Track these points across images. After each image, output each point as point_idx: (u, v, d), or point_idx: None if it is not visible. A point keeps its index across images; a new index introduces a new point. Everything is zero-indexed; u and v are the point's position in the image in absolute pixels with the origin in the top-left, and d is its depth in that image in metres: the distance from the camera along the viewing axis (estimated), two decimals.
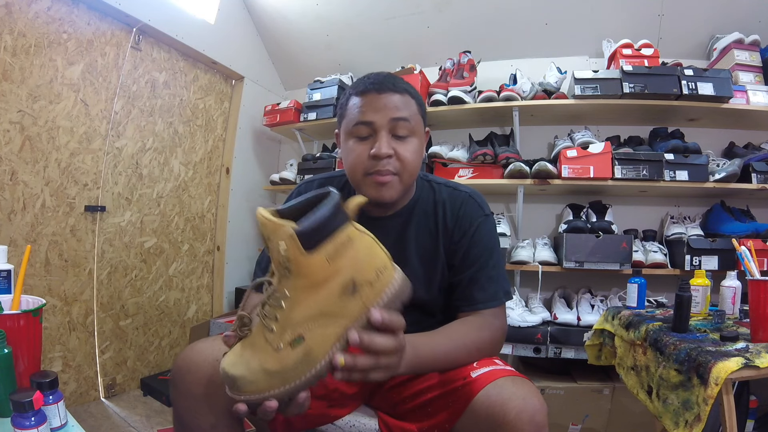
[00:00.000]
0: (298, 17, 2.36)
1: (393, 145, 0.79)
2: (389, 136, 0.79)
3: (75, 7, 1.63)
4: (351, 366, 0.52)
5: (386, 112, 0.78)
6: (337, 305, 0.52)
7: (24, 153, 1.50)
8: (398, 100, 0.79)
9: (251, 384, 0.51)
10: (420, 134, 0.83)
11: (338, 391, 0.87)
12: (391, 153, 0.78)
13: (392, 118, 0.78)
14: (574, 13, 2.00)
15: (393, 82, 0.81)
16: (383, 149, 0.77)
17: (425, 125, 0.87)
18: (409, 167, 0.80)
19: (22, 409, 0.59)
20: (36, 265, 1.55)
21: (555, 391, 1.60)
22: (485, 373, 0.72)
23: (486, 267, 0.85)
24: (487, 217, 0.89)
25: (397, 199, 0.83)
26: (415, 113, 0.82)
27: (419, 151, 0.83)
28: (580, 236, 1.73)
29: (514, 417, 0.63)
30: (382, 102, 0.78)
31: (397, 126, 0.79)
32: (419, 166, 0.83)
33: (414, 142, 0.81)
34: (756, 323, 0.96)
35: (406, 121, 0.79)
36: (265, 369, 0.51)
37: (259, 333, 0.53)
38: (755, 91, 1.73)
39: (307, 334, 0.51)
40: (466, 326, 0.81)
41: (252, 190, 2.54)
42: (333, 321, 0.52)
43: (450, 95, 1.96)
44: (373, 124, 0.78)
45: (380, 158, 0.77)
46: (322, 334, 0.51)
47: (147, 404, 1.81)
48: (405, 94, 0.81)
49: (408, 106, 0.81)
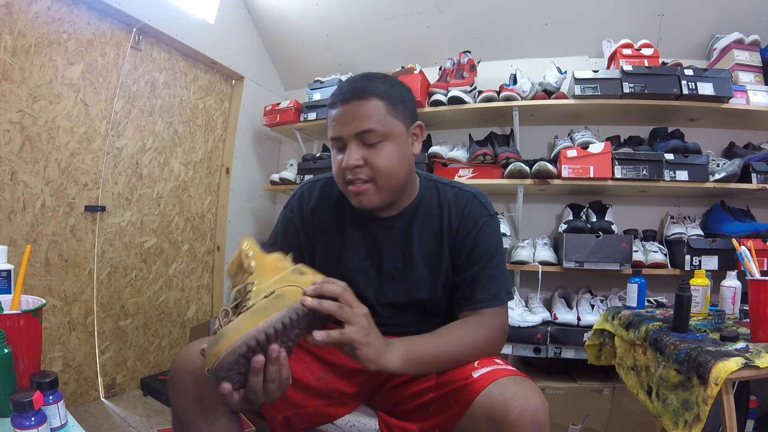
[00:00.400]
0: (298, 17, 2.36)
1: (364, 153, 0.79)
2: (359, 145, 0.79)
3: (75, 7, 1.63)
4: (317, 306, 0.62)
5: (351, 126, 0.78)
6: (292, 277, 0.67)
7: (24, 153, 1.50)
8: (364, 109, 0.78)
9: (236, 326, 0.57)
10: (395, 135, 0.81)
11: (338, 390, 0.87)
12: (358, 163, 0.78)
13: (356, 132, 0.78)
14: (574, 13, 2.00)
15: (361, 89, 0.79)
16: (350, 161, 0.78)
17: (413, 120, 0.86)
18: (384, 172, 0.79)
19: (22, 409, 0.59)
20: (36, 265, 1.55)
21: (555, 391, 1.60)
22: (487, 372, 0.72)
23: (489, 266, 0.85)
24: (492, 217, 0.89)
25: (380, 204, 0.83)
26: (384, 116, 0.79)
27: (396, 153, 0.81)
28: (580, 236, 1.73)
29: (516, 416, 0.63)
30: (348, 115, 0.79)
31: (364, 138, 0.79)
32: (400, 167, 0.82)
33: (387, 147, 0.80)
34: (756, 323, 0.96)
35: (372, 131, 0.78)
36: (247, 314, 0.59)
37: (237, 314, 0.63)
38: (755, 91, 1.73)
39: (277, 290, 0.63)
40: (463, 325, 0.81)
41: (252, 190, 2.54)
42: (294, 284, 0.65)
43: (450, 95, 1.96)
44: (342, 138, 0.80)
45: (350, 169, 0.79)
46: (289, 288, 0.64)
47: (147, 404, 1.81)
48: (372, 98, 0.79)
49: (375, 112, 0.78)
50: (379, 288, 0.89)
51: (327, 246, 0.92)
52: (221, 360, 0.55)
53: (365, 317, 0.67)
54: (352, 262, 0.90)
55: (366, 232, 0.90)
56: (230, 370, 0.57)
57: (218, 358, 0.55)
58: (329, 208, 0.91)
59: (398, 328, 0.89)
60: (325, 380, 0.86)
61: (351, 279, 0.90)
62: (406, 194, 0.89)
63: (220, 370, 0.56)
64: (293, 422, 0.82)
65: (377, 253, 0.89)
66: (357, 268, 0.90)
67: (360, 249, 0.90)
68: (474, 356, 0.77)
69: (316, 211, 0.93)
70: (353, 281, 0.90)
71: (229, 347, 0.55)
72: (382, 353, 0.68)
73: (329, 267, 0.92)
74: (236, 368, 0.57)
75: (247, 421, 1.45)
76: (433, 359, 0.74)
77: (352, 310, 0.65)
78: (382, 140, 0.79)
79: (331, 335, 0.63)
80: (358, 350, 0.64)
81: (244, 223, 2.49)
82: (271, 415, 0.81)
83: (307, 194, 0.94)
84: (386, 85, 0.81)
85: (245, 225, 2.51)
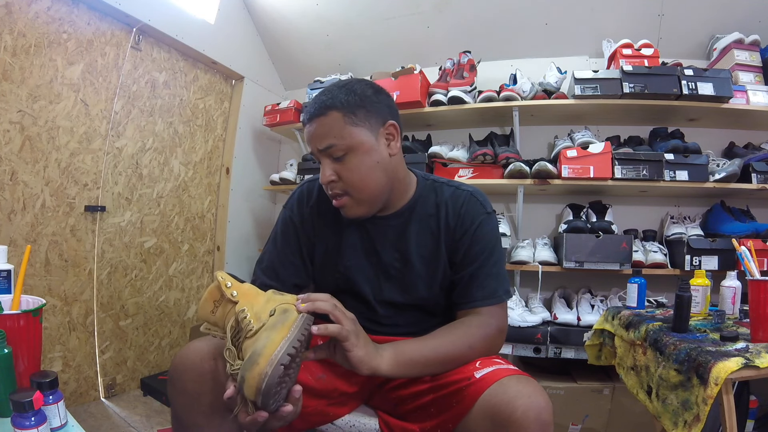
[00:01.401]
0: (298, 17, 2.36)
1: (335, 167, 0.80)
2: (329, 160, 0.80)
3: (75, 7, 1.63)
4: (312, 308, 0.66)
5: (315, 143, 0.81)
6: (278, 298, 0.69)
7: (24, 153, 1.50)
8: (323, 126, 0.79)
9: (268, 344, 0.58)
10: (358, 144, 0.79)
11: (337, 390, 0.87)
12: (332, 178, 0.80)
13: (319, 150, 0.80)
14: (574, 13, 2.00)
15: (319, 105, 0.79)
16: (323, 178, 0.81)
17: (382, 122, 0.82)
18: (356, 185, 0.80)
19: (22, 409, 0.59)
20: (36, 265, 1.55)
21: (555, 391, 1.60)
22: (489, 372, 0.72)
23: (486, 265, 0.85)
24: (489, 215, 0.89)
25: (365, 214, 0.85)
26: (342, 128, 0.78)
27: (365, 163, 0.80)
28: (580, 236, 1.73)
29: (521, 415, 0.63)
30: (311, 133, 0.81)
31: (328, 152, 0.80)
32: (372, 175, 0.81)
33: (353, 159, 0.79)
34: (756, 323, 0.95)
35: (333, 146, 0.79)
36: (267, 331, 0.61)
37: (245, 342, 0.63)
38: (755, 91, 1.73)
39: (276, 307, 0.65)
40: (459, 326, 0.81)
41: (252, 190, 2.54)
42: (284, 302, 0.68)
43: (450, 95, 1.96)
44: (314, 154, 0.83)
45: (326, 184, 0.82)
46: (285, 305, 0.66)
47: (147, 404, 1.81)
48: (330, 112, 0.78)
49: (333, 127, 0.78)
50: (377, 286, 0.90)
51: (326, 245, 0.92)
52: (270, 375, 0.54)
53: (354, 321, 0.71)
54: (351, 260, 0.90)
55: (363, 231, 0.90)
56: (279, 386, 0.56)
57: (265, 375, 0.54)
58: (328, 207, 0.91)
59: (397, 329, 0.89)
60: (325, 380, 0.86)
61: (350, 277, 0.90)
62: (399, 194, 0.89)
63: (271, 387, 0.54)
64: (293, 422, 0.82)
65: (374, 252, 0.90)
66: (355, 266, 0.90)
67: (358, 248, 0.90)
68: (470, 357, 0.77)
69: (316, 210, 0.93)
70: (352, 279, 0.90)
71: (272, 361, 0.55)
72: (373, 356, 0.70)
73: (329, 265, 0.92)
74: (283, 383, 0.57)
75: None
76: (424, 360, 0.75)
77: (343, 312, 0.70)
78: (347, 153, 0.79)
79: (328, 327, 0.66)
80: (349, 352, 0.67)
81: (244, 223, 2.49)
82: None
83: (307, 193, 0.95)
84: (344, 93, 0.79)
85: (245, 225, 2.51)
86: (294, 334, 0.60)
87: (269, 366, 0.55)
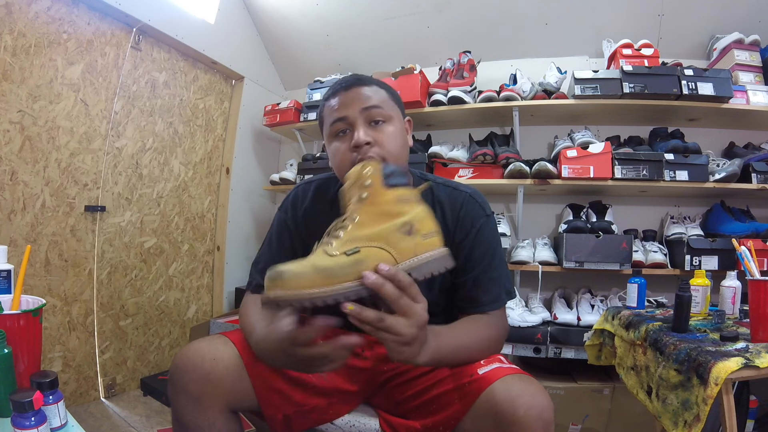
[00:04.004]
0: (298, 17, 2.36)
1: (371, 132, 0.80)
2: (366, 125, 0.80)
3: (75, 7, 1.62)
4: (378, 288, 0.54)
5: (356, 104, 0.80)
6: (394, 237, 0.58)
7: (24, 153, 1.50)
8: (366, 90, 0.82)
9: (296, 277, 0.53)
10: (397, 120, 0.84)
11: (338, 389, 0.87)
12: (369, 140, 0.79)
13: (363, 108, 0.80)
14: (574, 13, 2.00)
15: (360, 79, 0.84)
16: (361, 137, 0.78)
17: (404, 116, 0.88)
18: (392, 151, 0.80)
19: (22, 409, 0.59)
20: (36, 265, 1.55)
21: (555, 391, 1.60)
22: (491, 370, 0.72)
23: (489, 269, 0.85)
24: (489, 218, 0.89)
25: None
26: (386, 100, 0.83)
27: (400, 136, 0.83)
28: (580, 236, 1.73)
29: (524, 414, 0.63)
30: (351, 96, 0.81)
31: (370, 114, 0.80)
32: (403, 152, 0.84)
33: (391, 127, 0.82)
34: (756, 323, 0.96)
35: (378, 108, 0.80)
36: (315, 265, 0.54)
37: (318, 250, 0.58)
38: (755, 91, 1.73)
39: (363, 250, 0.56)
40: (478, 324, 0.81)
41: (252, 190, 2.54)
42: (386, 248, 0.58)
43: (450, 95, 1.96)
44: (347, 117, 0.80)
45: (360, 146, 0.78)
46: (375, 253, 0.57)
47: (147, 404, 1.81)
48: (372, 85, 0.83)
49: (377, 95, 0.82)
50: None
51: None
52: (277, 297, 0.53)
53: (423, 313, 0.59)
54: None
55: None
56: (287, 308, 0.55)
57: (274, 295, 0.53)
58: (323, 209, 0.91)
59: None
60: (325, 379, 0.86)
61: None
62: None
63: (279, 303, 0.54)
64: (293, 421, 0.82)
65: None
66: None
67: None
68: (485, 354, 0.78)
69: (310, 212, 0.93)
70: None
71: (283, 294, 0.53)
72: (417, 352, 0.62)
73: None
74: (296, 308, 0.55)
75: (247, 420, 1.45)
76: (455, 356, 0.74)
77: (412, 302, 0.58)
78: (386, 121, 0.81)
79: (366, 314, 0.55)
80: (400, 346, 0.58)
81: (244, 223, 2.49)
82: (270, 414, 0.81)
83: (301, 195, 0.95)
84: (380, 82, 0.86)
85: (245, 225, 2.51)
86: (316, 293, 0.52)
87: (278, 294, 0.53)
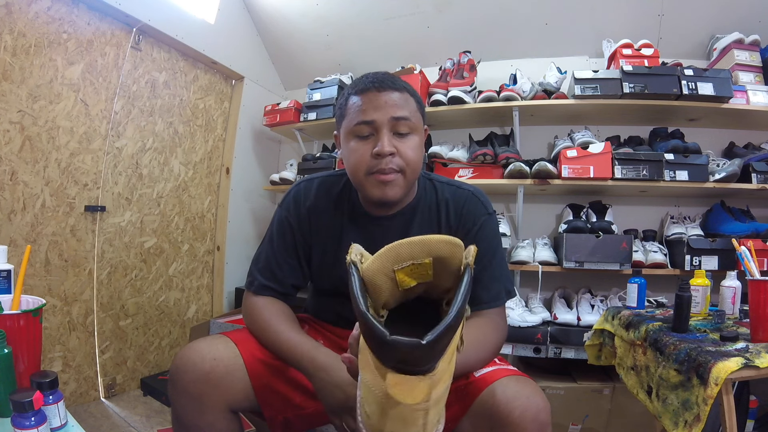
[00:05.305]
0: (298, 17, 2.36)
1: (394, 142, 0.78)
2: (390, 134, 0.79)
3: (75, 7, 1.62)
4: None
5: (387, 110, 0.78)
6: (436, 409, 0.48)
7: (24, 153, 1.50)
8: (398, 98, 0.79)
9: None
10: (420, 131, 0.83)
11: None
12: (393, 151, 0.78)
13: (393, 117, 0.78)
14: (574, 13, 2.00)
15: (392, 81, 0.81)
16: (386, 147, 0.77)
17: (424, 123, 0.87)
18: (412, 164, 0.80)
19: (22, 409, 0.59)
20: (36, 265, 1.55)
21: (555, 391, 1.60)
22: (488, 372, 0.72)
23: (490, 266, 0.85)
24: (491, 216, 0.89)
25: (401, 197, 0.83)
26: (414, 111, 0.82)
27: (420, 149, 0.83)
28: (580, 236, 1.73)
29: (519, 416, 0.63)
30: (383, 100, 0.78)
31: (398, 124, 0.79)
32: (421, 163, 0.84)
33: (415, 140, 0.81)
34: (756, 323, 0.95)
35: (406, 120, 0.79)
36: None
37: None
38: (755, 91, 1.73)
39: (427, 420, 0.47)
40: (483, 330, 0.79)
41: (252, 190, 2.54)
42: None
43: (450, 95, 1.95)
44: (374, 122, 0.78)
45: (383, 156, 0.77)
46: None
47: (147, 404, 1.81)
48: (404, 91, 0.81)
49: (407, 104, 0.81)
50: None
51: (324, 246, 0.92)
52: None
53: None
54: None
55: (364, 232, 0.89)
56: None
57: None
58: (326, 207, 0.91)
59: None
60: None
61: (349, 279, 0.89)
62: (409, 193, 0.89)
63: None
64: (293, 423, 0.82)
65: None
66: None
67: None
68: (491, 359, 0.78)
69: (313, 210, 0.92)
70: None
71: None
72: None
73: (327, 267, 0.92)
74: None
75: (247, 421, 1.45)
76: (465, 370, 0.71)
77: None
78: (411, 132, 0.81)
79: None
80: None
81: (244, 223, 2.49)
82: (271, 415, 0.81)
83: (304, 193, 0.93)
84: (409, 85, 0.85)
85: (245, 225, 2.51)
86: None
87: None
